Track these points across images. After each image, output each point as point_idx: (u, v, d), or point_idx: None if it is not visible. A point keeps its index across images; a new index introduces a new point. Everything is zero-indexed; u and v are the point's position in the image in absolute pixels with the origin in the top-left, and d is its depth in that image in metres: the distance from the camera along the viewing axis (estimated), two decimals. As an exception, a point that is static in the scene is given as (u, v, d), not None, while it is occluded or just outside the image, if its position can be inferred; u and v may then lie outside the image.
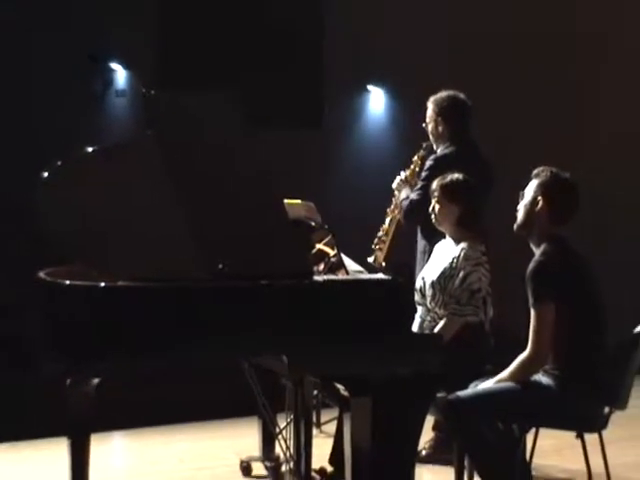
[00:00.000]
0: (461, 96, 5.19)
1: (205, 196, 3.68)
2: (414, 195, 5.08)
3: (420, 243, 5.18)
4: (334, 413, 4.83)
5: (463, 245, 4.39)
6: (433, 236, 4.76)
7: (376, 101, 9.40)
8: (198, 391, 6.04)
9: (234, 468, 4.81)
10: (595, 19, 8.83)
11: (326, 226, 4.29)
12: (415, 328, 4.39)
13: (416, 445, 4.27)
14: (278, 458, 4.60)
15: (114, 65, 8.74)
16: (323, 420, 5.55)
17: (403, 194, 5.21)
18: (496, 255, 4.55)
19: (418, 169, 5.25)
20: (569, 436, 3.92)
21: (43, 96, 7.91)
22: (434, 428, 4.94)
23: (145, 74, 8.52)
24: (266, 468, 4.69)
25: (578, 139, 8.80)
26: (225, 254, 3.55)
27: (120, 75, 8.77)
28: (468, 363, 4.16)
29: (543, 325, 3.80)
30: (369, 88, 9.32)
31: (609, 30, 8.86)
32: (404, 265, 5.21)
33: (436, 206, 4.47)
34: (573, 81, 8.92)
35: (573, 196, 3.97)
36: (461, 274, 4.32)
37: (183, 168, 3.72)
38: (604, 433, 3.92)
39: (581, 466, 3.94)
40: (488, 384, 3.93)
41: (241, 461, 4.80)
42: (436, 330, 4.28)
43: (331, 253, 4.19)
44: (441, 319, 4.33)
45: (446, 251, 4.47)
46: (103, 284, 3.46)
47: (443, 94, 5.17)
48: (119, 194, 3.72)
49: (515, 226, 4.03)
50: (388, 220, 5.39)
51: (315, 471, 4.37)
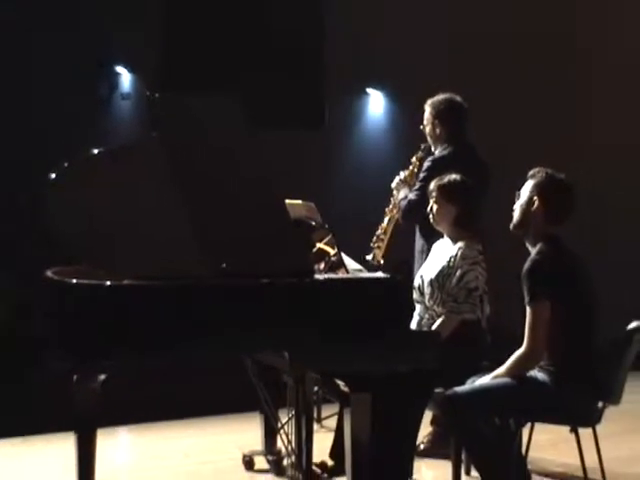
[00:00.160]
0: (457, 99, 5.19)
1: (208, 197, 3.68)
2: (412, 195, 5.08)
3: (418, 242, 5.18)
4: (334, 408, 4.83)
5: (460, 244, 4.39)
6: (431, 235, 4.76)
7: (375, 103, 9.41)
8: (202, 387, 6.04)
9: (237, 462, 4.81)
10: (595, 20, 8.83)
11: (326, 226, 4.30)
12: (414, 325, 4.40)
13: (415, 439, 4.26)
14: (280, 452, 4.60)
15: (119, 69, 8.75)
16: (324, 415, 5.55)
17: (402, 194, 5.22)
18: (493, 254, 4.55)
19: (416, 170, 5.25)
20: (564, 431, 3.92)
21: (50, 99, 7.91)
22: (432, 423, 4.94)
23: (149, 77, 8.53)
24: (268, 462, 4.69)
25: (575, 140, 8.79)
26: (228, 254, 3.55)
27: (125, 78, 8.77)
28: (465, 359, 4.17)
29: (538, 322, 3.80)
30: (369, 91, 9.32)
31: (609, 30, 8.86)
32: (403, 264, 5.21)
33: (434, 206, 4.47)
34: (572, 82, 8.91)
35: (568, 196, 3.98)
36: (458, 273, 4.32)
37: (187, 169, 3.72)
38: (598, 428, 3.92)
39: (575, 460, 3.94)
40: (485, 380, 3.93)
41: (244, 455, 4.81)
42: (434, 327, 4.28)
43: (331, 252, 4.19)
44: (439, 317, 4.34)
45: (444, 250, 4.47)
46: (109, 283, 3.46)
47: (440, 97, 5.17)
48: (125, 195, 3.72)
49: (511, 226, 4.04)
50: (387, 219, 5.39)
51: (316, 465, 4.38)
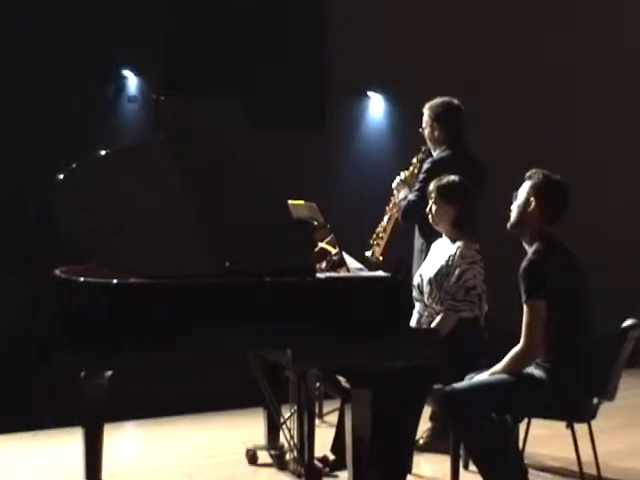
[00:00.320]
0: (455, 102, 5.18)
1: (213, 197, 3.68)
2: (412, 196, 5.08)
3: (417, 242, 5.17)
4: (336, 404, 4.82)
5: (459, 244, 4.39)
6: (430, 235, 4.76)
7: (376, 106, 9.42)
8: (206, 384, 6.05)
9: (241, 456, 4.81)
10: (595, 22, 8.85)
11: (328, 225, 4.30)
12: (413, 323, 4.39)
13: (414, 434, 4.27)
14: (282, 447, 4.60)
15: (126, 72, 8.77)
16: (325, 411, 5.55)
17: (402, 194, 5.21)
18: (491, 254, 4.55)
19: (417, 171, 5.24)
20: (560, 426, 3.92)
21: (59, 103, 7.93)
22: (431, 418, 4.94)
23: (155, 80, 8.55)
24: (271, 456, 4.69)
25: (572, 141, 8.81)
26: (232, 253, 3.56)
27: (132, 82, 8.79)
28: (463, 356, 4.16)
29: (535, 320, 3.80)
30: (369, 94, 9.34)
31: (609, 32, 8.87)
32: (402, 263, 5.21)
33: (433, 207, 4.47)
34: (571, 84, 8.92)
35: (563, 197, 3.98)
36: (457, 272, 4.31)
37: (192, 170, 3.72)
38: (593, 423, 3.93)
39: (571, 454, 3.94)
40: (483, 376, 3.93)
41: (247, 450, 4.80)
42: (433, 325, 4.28)
43: (333, 251, 4.19)
44: (438, 314, 4.33)
45: (442, 250, 4.47)
46: (116, 281, 3.46)
47: (438, 100, 5.16)
48: (131, 195, 3.72)
49: (508, 225, 4.04)
50: (387, 217, 5.38)
51: (318, 459, 4.37)
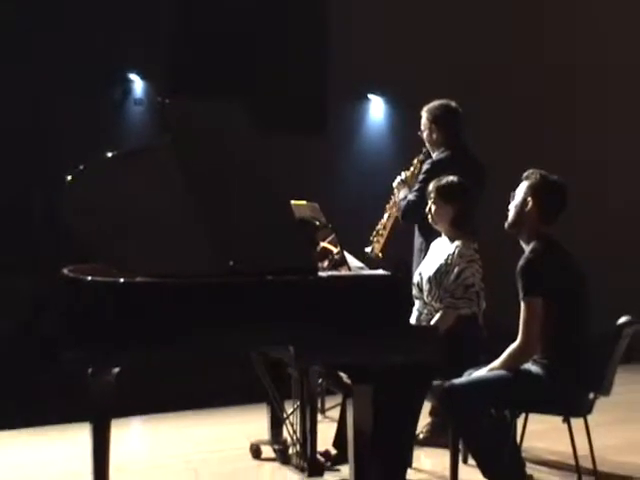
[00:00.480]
0: (453, 104, 5.18)
1: (217, 198, 3.68)
2: (412, 196, 5.08)
3: (417, 241, 5.17)
4: (337, 400, 4.82)
5: (458, 243, 4.38)
6: (430, 234, 4.75)
7: (376, 109, 9.41)
8: (211, 380, 6.05)
9: (245, 451, 4.81)
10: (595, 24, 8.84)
11: (330, 225, 4.30)
12: (413, 320, 4.39)
13: (414, 429, 4.27)
14: (285, 441, 4.60)
15: (132, 76, 8.77)
16: (327, 406, 5.55)
17: (402, 194, 5.21)
18: (489, 253, 4.55)
19: (417, 171, 5.24)
20: (556, 421, 3.91)
21: (67, 106, 7.93)
22: (431, 413, 4.94)
23: (161, 84, 8.55)
24: (274, 451, 4.69)
25: (572, 141, 8.80)
26: (236, 252, 3.55)
27: (138, 85, 8.79)
28: (462, 353, 4.16)
29: (532, 317, 3.80)
30: (370, 97, 9.33)
31: (609, 32, 8.86)
32: (402, 261, 5.21)
33: (432, 207, 4.46)
34: (571, 84, 8.90)
35: (560, 197, 3.98)
36: (456, 270, 4.31)
37: (196, 171, 3.72)
38: (589, 418, 3.92)
39: (568, 448, 3.94)
40: (481, 372, 3.93)
41: (251, 444, 4.81)
42: (432, 322, 4.28)
43: (334, 250, 4.19)
44: (437, 312, 4.33)
45: (442, 248, 4.47)
46: (122, 280, 3.46)
47: (435, 103, 5.16)
48: (136, 196, 3.72)
49: (506, 225, 4.04)
50: (386, 215, 5.38)
51: (320, 453, 4.38)
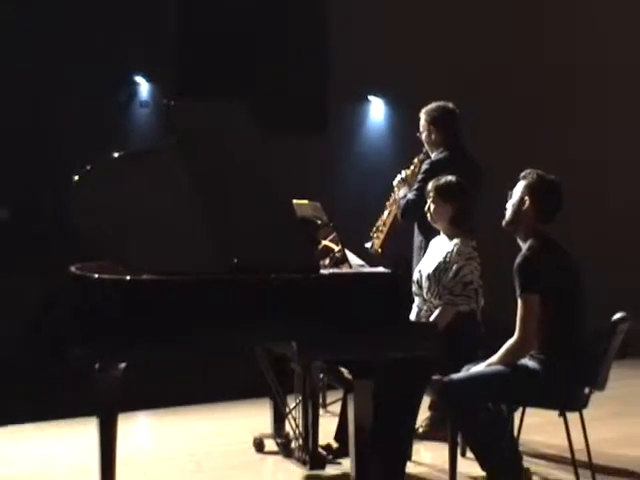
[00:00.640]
0: (450, 105, 5.18)
1: (221, 197, 3.69)
2: (411, 195, 5.08)
3: (417, 239, 5.17)
4: (339, 394, 4.82)
5: (456, 241, 4.39)
6: (429, 232, 4.76)
7: (376, 110, 9.41)
8: (215, 375, 6.06)
9: (248, 445, 4.82)
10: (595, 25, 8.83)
11: (331, 224, 4.30)
12: (412, 317, 4.40)
13: (413, 423, 4.27)
14: (288, 435, 4.61)
15: (138, 78, 8.78)
16: (329, 401, 5.55)
17: (401, 193, 5.21)
18: (487, 250, 4.55)
19: (417, 170, 5.24)
20: (553, 415, 3.92)
21: (74, 108, 7.95)
22: (430, 408, 4.94)
23: (167, 86, 8.56)
24: (277, 445, 4.70)
25: (572, 141, 8.79)
26: (239, 250, 3.56)
27: (143, 87, 8.80)
28: (461, 348, 4.17)
29: (529, 314, 3.80)
30: (370, 98, 9.33)
31: (609, 32, 8.85)
32: (402, 259, 5.21)
33: (431, 205, 4.47)
34: (571, 84, 8.90)
35: (557, 196, 3.98)
36: (454, 267, 4.32)
37: (201, 171, 3.73)
38: (585, 412, 3.93)
39: (564, 442, 3.93)
40: (479, 368, 3.93)
41: (254, 438, 4.81)
42: (432, 318, 4.28)
43: (336, 249, 4.20)
44: (436, 308, 4.33)
45: (441, 246, 4.47)
46: (129, 277, 3.47)
47: (433, 105, 5.16)
48: (142, 196, 3.73)
49: (503, 223, 4.04)
50: (386, 212, 5.38)
51: (322, 447, 4.39)
